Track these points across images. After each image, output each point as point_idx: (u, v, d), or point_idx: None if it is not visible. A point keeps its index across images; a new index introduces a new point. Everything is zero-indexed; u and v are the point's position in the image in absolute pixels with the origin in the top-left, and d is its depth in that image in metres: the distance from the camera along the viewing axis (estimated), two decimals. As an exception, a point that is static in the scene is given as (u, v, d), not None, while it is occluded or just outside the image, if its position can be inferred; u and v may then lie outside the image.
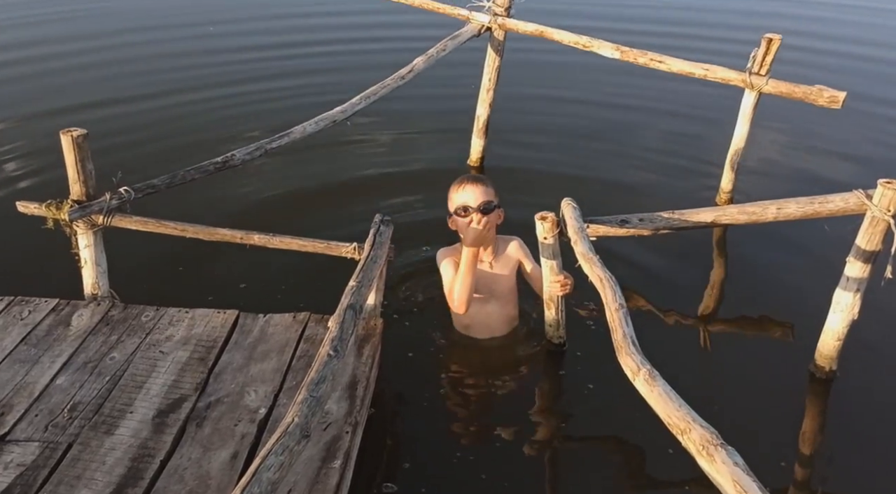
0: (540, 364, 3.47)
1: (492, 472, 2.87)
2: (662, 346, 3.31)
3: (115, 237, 3.44)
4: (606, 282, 2.61)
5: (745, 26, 8.21)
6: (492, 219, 3.24)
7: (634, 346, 2.29)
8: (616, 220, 3.24)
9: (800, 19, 9.26)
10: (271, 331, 3.17)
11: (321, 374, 2.14)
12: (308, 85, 6.86)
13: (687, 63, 4.39)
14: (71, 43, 8.21)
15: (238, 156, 3.52)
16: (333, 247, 3.33)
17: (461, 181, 3.31)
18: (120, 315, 3.23)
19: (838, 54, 7.96)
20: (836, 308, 3.24)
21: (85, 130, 3.08)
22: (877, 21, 9.74)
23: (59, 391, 2.81)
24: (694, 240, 4.41)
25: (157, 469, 2.47)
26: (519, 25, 4.84)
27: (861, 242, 3.05)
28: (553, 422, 3.23)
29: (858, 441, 3.10)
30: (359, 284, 2.68)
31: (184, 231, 3.33)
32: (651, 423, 2.30)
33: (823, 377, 3.38)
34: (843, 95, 4.02)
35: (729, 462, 1.77)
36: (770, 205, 3.19)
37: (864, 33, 9.02)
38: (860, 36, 8.84)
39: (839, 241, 3.40)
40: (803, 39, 7.86)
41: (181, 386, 2.85)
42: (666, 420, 2.01)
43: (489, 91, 5.15)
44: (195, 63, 7.55)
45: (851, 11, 10.00)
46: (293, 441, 1.87)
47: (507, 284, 3.45)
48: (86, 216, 3.15)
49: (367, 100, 4.18)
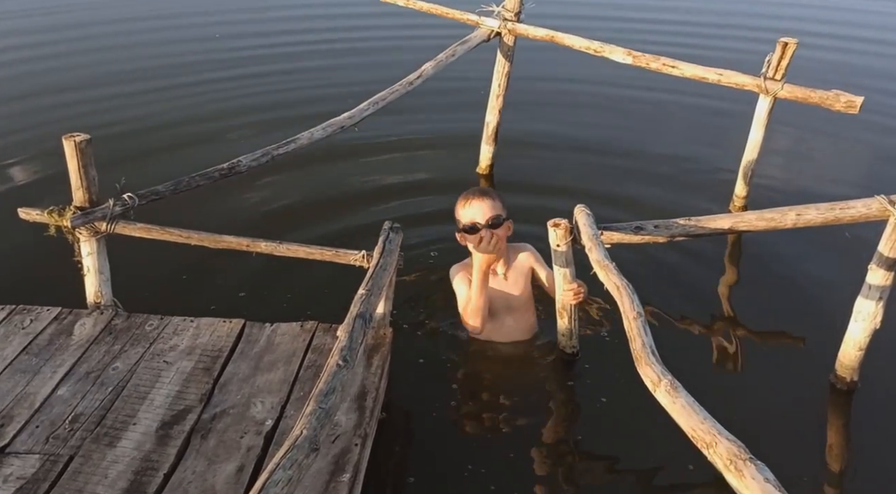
0: (552, 374, 3.38)
1: (503, 485, 2.78)
2: (679, 356, 3.22)
3: (119, 244, 3.38)
4: (623, 290, 2.53)
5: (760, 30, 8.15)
6: (501, 233, 3.18)
7: (654, 356, 2.21)
8: (631, 227, 3.16)
9: (815, 22, 9.19)
10: (278, 341, 3.10)
11: (330, 385, 2.06)
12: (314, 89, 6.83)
13: (700, 68, 4.33)
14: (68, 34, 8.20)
15: (244, 163, 3.46)
16: (342, 254, 3.26)
17: (467, 196, 3.23)
18: (123, 324, 3.17)
19: (856, 58, 7.87)
20: (858, 316, 3.15)
21: (88, 135, 3.03)
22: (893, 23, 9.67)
23: (60, 402, 2.74)
24: (709, 247, 4.33)
25: (161, 482, 2.40)
26: (529, 30, 4.78)
27: (884, 249, 2.96)
28: (566, 435, 3.14)
29: (884, 453, 3.00)
30: (368, 292, 2.61)
31: (188, 238, 3.27)
32: (669, 436, 2.22)
33: (845, 388, 3.28)
34: (861, 100, 3.94)
35: (759, 478, 1.68)
36: (789, 212, 3.10)
37: (882, 36, 8.93)
38: (877, 38, 8.75)
39: (861, 248, 3.32)
40: (819, 42, 7.79)
41: (185, 396, 2.78)
42: (690, 434, 1.93)
43: (499, 97, 5.09)
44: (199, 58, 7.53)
45: (869, 15, 9.92)
46: (302, 455, 1.79)
47: (523, 295, 3.38)
48: (88, 223, 3.09)
49: (375, 105, 4.12)
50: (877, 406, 3.24)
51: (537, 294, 3.49)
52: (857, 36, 8.88)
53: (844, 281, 3.49)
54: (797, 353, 3.58)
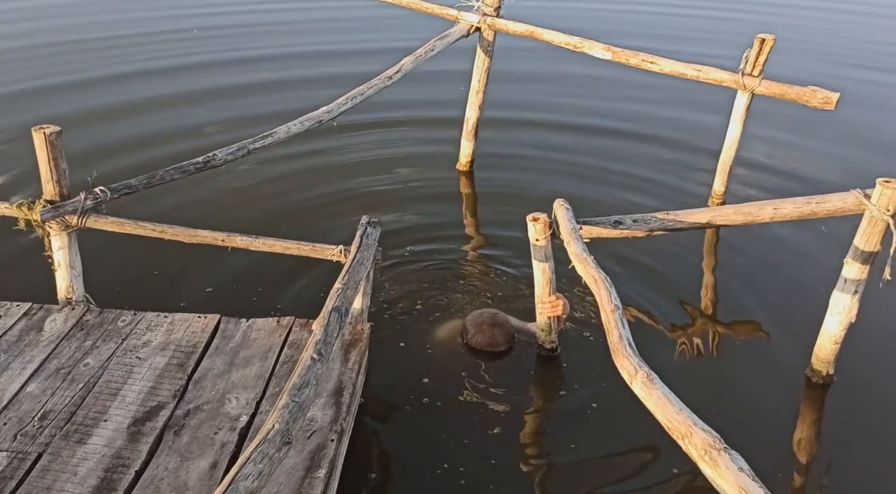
0: (530, 370, 3.37)
1: (480, 481, 2.77)
2: (657, 349, 3.24)
3: (91, 239, 3.32)
4: (601, 283, 2.52)
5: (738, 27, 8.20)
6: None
7: (631, 348, 2.20)
8: (610, 221, 3.16)
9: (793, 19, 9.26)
10: (254, 336, 3.06)
11: (304, 379, 2.03)
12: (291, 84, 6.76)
13: (679, 64, 4.33)
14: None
15: (220, 156, 3.42)
16: (319, 249, 3.22)
17: (481, 344, 3.41)
18: (95, 319, 3.11)
19: (832, 54, 7.94)
20: (834, 310, 3.17)
21: (58, 127, 2.97)
22: (869, 20, 9.75)
23: (29, 398, 2.68)
24: (688, 242, 4.35)
25: (132, 479, 2.35)
26: (508, 25, 4.77)
27: (859, 243, 2.98)
28: (542, 430, 3.12)
29: (857, 447, 3.03)
30: (344, 286, 2.58)
31: (162, 232, 3.22)
32: (648, 429, 2.22)
33: (820, 381, 3.30)
34: (837, 96, 3.97)
35: (734, 467, 1.68)
36: (766, 206, 3.12)
37: (857, 32, 9.02)
38: (853, 35, 8.84)
39: (837, 242, 3.34)
40: (797, 40, 7.85)
41: (158, 393, 2.73)
42: (666, 425, 1.92)
43: (478, 92, 5.07)
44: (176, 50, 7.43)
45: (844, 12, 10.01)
46: (273, 449, 1.76)
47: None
48: (59, 217, 3.03)
49: (353, 100, 4.08)
50: (851, 399, 3.26)
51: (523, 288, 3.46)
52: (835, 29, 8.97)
53: (821, 275, 3.52)
54: (774, 347, 3.60)
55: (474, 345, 3.39)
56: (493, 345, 3.39)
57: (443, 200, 4.92)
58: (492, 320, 3.43)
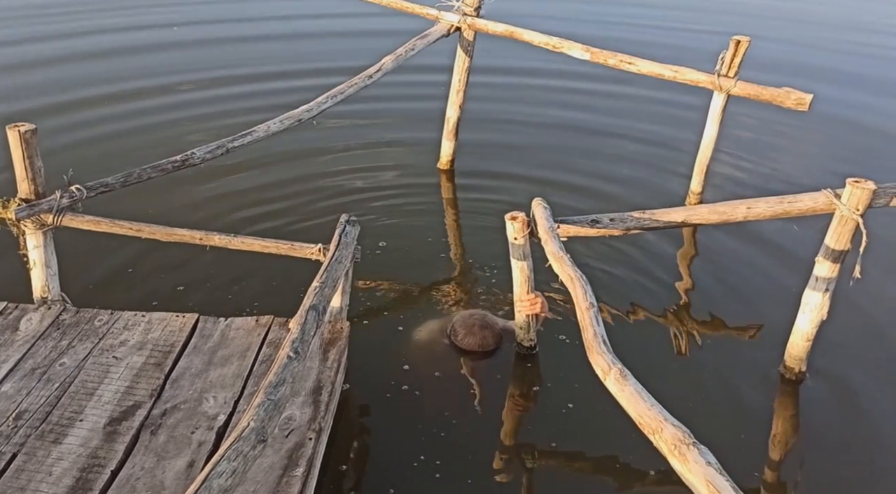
0: (509, 367, 3.40)
1: (458, 477, 2.80)
2: (632, 347, 3.26)
3: (67, 238, 3.29)
4: (577, 281, 2.55)
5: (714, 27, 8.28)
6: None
7: (605, 345, 2.23)
8: (587, 220, 3.19)
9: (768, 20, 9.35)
10: (232, 335, 3.05)
11: (280, 377, 2.04)
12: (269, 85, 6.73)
13: (656, 64, 4.38)
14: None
15: (198, 155, 3.40)
16: (297, 248, 3.22)
17: (472, 346, 3.42)
18: (71, 319, 3.09)
19: (805, 56, 8.04)
20: (805, 308, 3.23)
21: (33, 125, 2.94)
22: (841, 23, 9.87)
23: (3, 398, 2.66)
24: (664, 241, 4.40)
25: (108, 479, 2.35)
26: (489, 25, 4.79)
27: (830, 242, 3.04)
28: (518, 426, 3.15)
29: (827, 442, 3.09)
30: (322, 285, 2.59)
31: (139, 231, 3.20)
32: (622, 426, 2.25)
33: (793, 378, 3.36)
34: (810, 98, 4.03)
35: (701, 462, 1.71)
36: (740, 205, 3.16)
37: (831, 34, 9.13)
38: (827, 38, 8.95)
39: (808, 241, 3.39)
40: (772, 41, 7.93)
41: (135, 392, 2.72)
42: (637, 420, 1.95)
43: (459, 92, 5.08)
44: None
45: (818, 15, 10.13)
46: (248, 446, 1.77)
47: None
48: (34, 215, 3.01)
49: (333, 99, 4.08)
50: (823, 395, 3.32)
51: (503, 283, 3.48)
52: (810, 32, 9.07)
53: (794, 274, 3.57)
54: (748, 344, 3.65)
55: (465, 347, 3.41)
56: (484, 347, 3.41)
57: (423, 199, 4.93)
58: (482, 322, 3.45)
